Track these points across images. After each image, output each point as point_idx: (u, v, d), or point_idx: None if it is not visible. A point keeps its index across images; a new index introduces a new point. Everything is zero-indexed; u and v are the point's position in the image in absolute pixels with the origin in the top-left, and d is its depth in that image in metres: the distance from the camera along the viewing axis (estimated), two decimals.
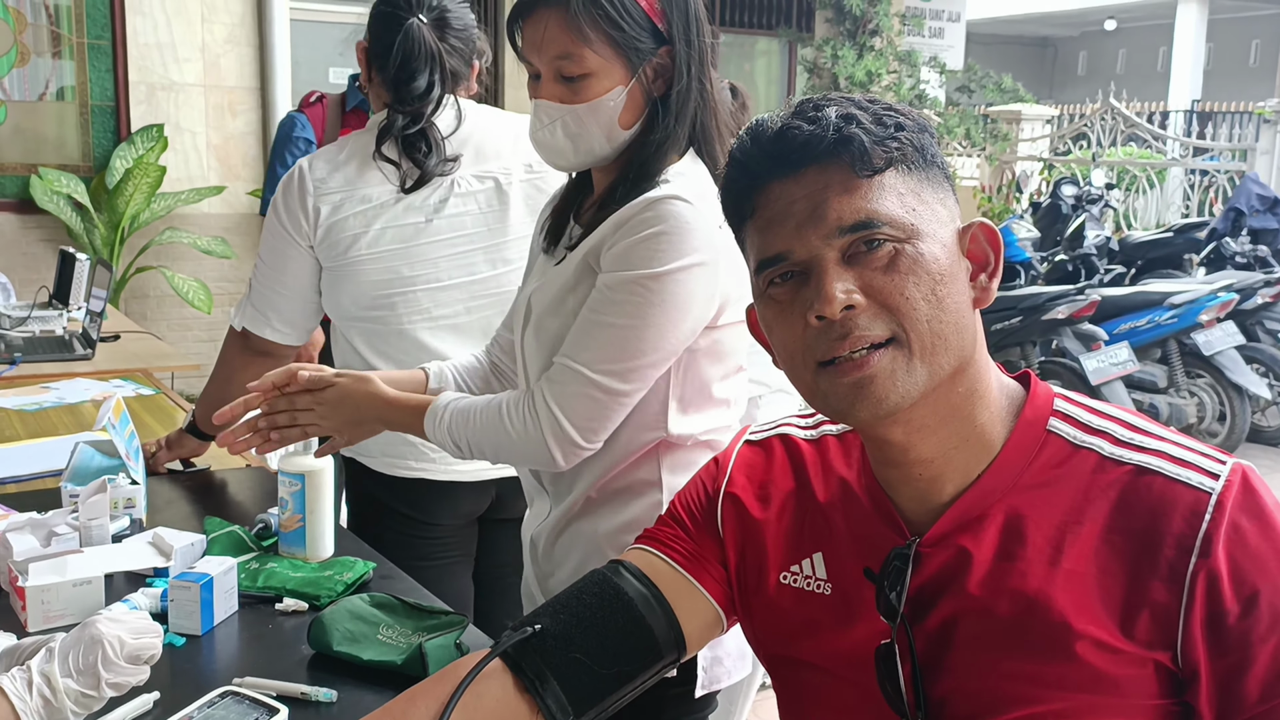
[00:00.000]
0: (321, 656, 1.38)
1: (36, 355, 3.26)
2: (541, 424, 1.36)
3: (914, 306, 0.89)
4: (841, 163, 0.90)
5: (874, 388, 0.90)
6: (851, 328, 0.89)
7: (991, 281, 0.95)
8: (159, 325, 5.48)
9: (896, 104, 0.95)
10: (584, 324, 1.36)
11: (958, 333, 0.91)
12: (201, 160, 5.57)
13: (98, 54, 5.32)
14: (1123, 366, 5.19)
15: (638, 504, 1.45)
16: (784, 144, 0.92)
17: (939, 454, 0.95)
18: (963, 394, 0.94)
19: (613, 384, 1.34)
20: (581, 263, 1.40)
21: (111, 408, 1.85)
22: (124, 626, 1.17)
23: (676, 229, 1.32)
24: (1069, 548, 0.91)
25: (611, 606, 1.06)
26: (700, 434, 1.45)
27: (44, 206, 5.12)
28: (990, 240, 0.95)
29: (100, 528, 1.62)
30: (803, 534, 1.06)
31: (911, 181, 0.92)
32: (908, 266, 0.89)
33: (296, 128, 3.18)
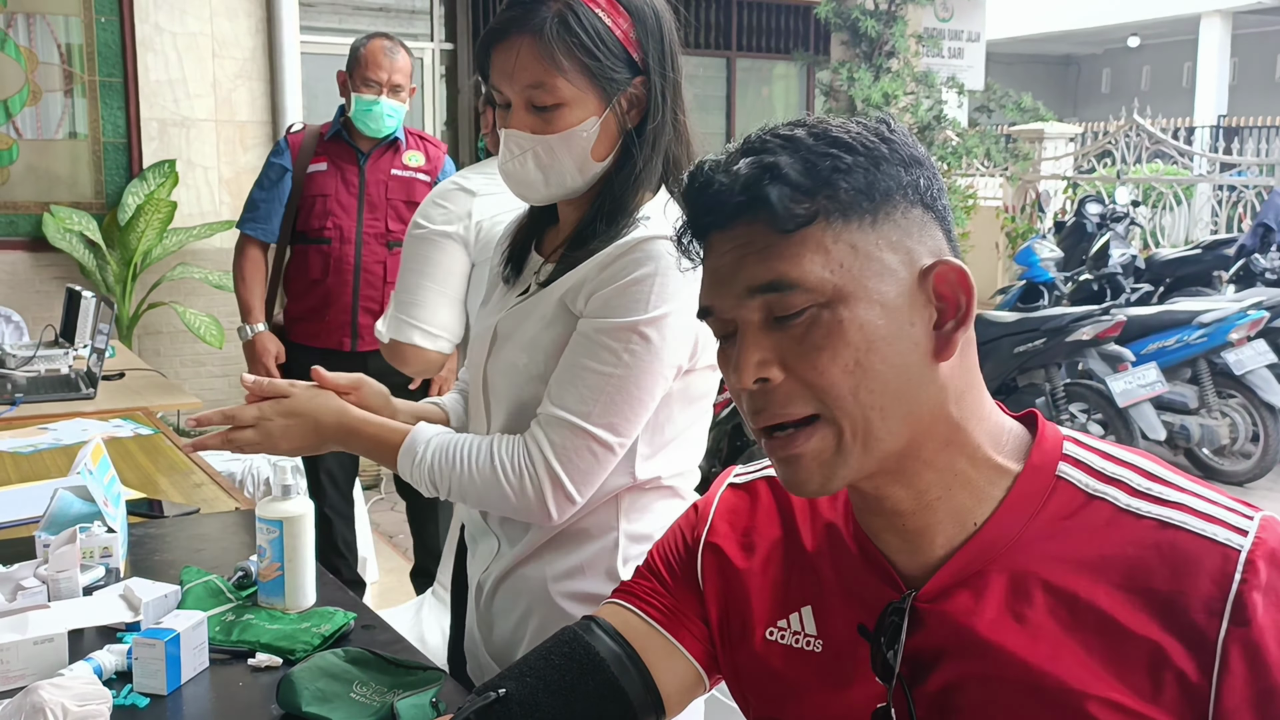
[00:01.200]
0: (291, 717, 1.30)
1: (38, 395, 3.22)
2: (542, 482, 1.30)
3: (831, 381, 0.81)
4: (761, 219, 0.82)
5: (800, 471, 0.83)
6: (767, 403, 0.83)
7: (957, 331, 0.83)
8: (172, 361, 5.45)
9: (853, 130, 0.84)
10: (574, 372, 1.31)
11: (900, 399, 0.82)
12: (213, 195, 5.56)
13: (109, 91, 5.33)
14: (1151, 388, 5.06)
15: (591, 547, 1.39)
16: (706, 200, 0.85)
17: (918, 506, 0.86)
18: (936, 447, 0.85)
19: (611, 438, 1.30)
20: (559, 303, 1.35)
21: (90, 452, 1.79)
22: (68, 693, 1.11)
23: (663, 270, 1.28)
24: (1083, 609, 0.82)
25: (582, 668, 0.98)
26: (665, 477, 1.40)
27: (57, 244, 5.12)
28: (959, 282, 0.83)
29: (69, 580, 1.55)
30: (790, 586, 0.97)
31: (846, 231, 0.81)
32: (823, 337, 0.81)
33: (276, 152, 3.37)
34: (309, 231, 3.28)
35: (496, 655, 1.46)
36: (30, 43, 5.17)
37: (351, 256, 3.28)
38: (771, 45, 8.51)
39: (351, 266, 3.29)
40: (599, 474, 1.32)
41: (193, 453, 1.44)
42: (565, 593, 1.38)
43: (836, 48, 8.23)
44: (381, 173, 3.31)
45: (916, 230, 0.84)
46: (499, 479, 1.32)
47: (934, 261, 0.83)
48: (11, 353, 3.62)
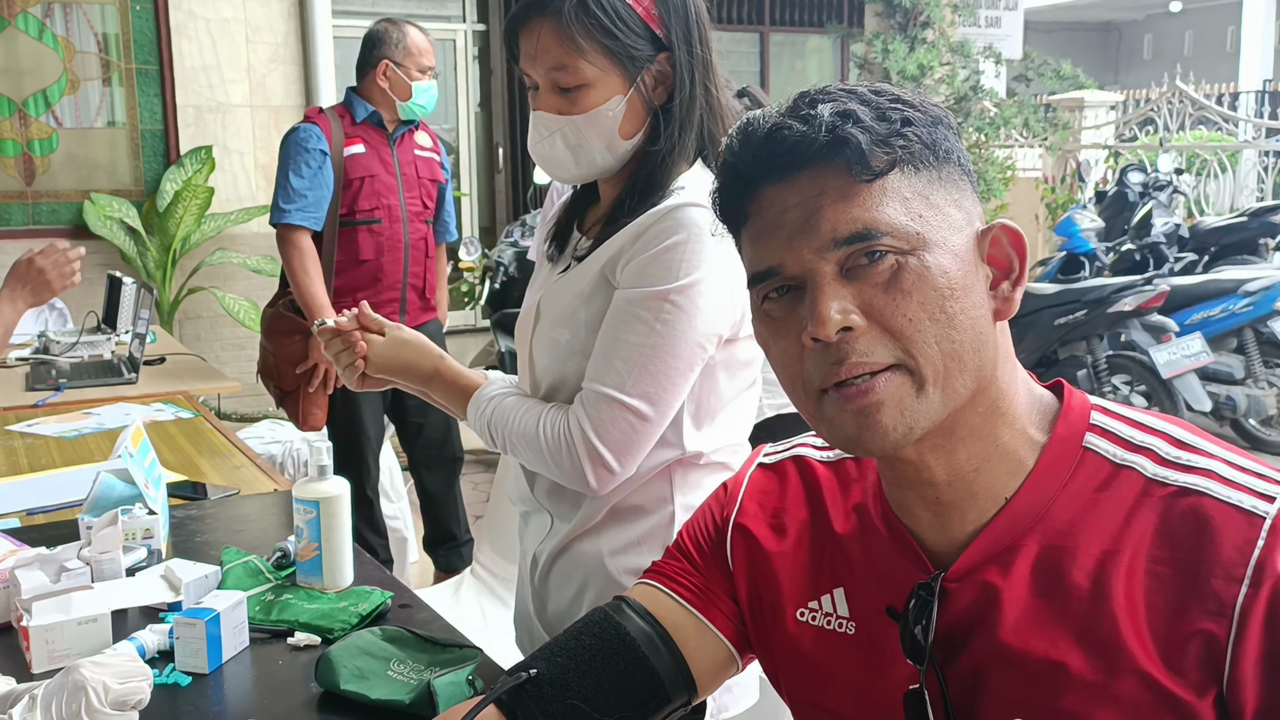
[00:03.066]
0: (330, 694, 1.31)
1: (82, 380, 3.27)
2: (579, 451, 1.31)
3: (919, 329, 0.79)
4: (837, 166, 0.80)
5: (880, 417, 0.80)
6: (849, 352, 0.79)
7: (1015, 290, 0.84)
8: (212, 346, 5.51)
9: (908, 93, 0.84)
10: (610, 345, 1.31)
11: (975, 351, 0.81)
12: (249, 180, 5.61)
13: (146, 79, 5.37)
14: (1196, 358, 4.97)
15: (647, 521, 1.39)
16: (774, 146, 0.82)
17: (955, 477, 0.85)
18: (983, 413, 0.84)
19: (647, 407, 1.30)
20: (598, 275, 1.35)
21: (130, 436, 1.81)
22: (109, 671, 1.12)
23: (696, 236, 1.27)
24: (1112, 581, 0.80)
25: (612, 648, 0.98)
26: (713, 450, 1.39)
27: (97, 232, 5.18)
28: (1014, 243, 0.84)
29: (112, 561, 1.57)
30: (821, 568, 0.96)
31: (919, 183, 0.81)
32: (912, 282, 0.79)
33: (313, 138, 3.22)
34: (358, 213, 3.29)
35: (550, 629, 1.47)
36: (67, 32, 5.23)
37: (401, 234, 3.33)
38: (805, 19, 8.42)
39: (401, 243, 3.34)
40: (639, 445, 1.32)
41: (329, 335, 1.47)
42: (622, 568, 1.39)
43: (871, 19, 8.14)
44: (408, 153, 3.38)
45: (969, 194, 0.85)
46: (540, 446, 1.34)
47: (989, 225, 0.84)
48: (55, 339, 3.67)
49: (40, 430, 2.71)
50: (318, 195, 3.21)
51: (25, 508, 2.08)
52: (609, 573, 1.39)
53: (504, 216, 7.21)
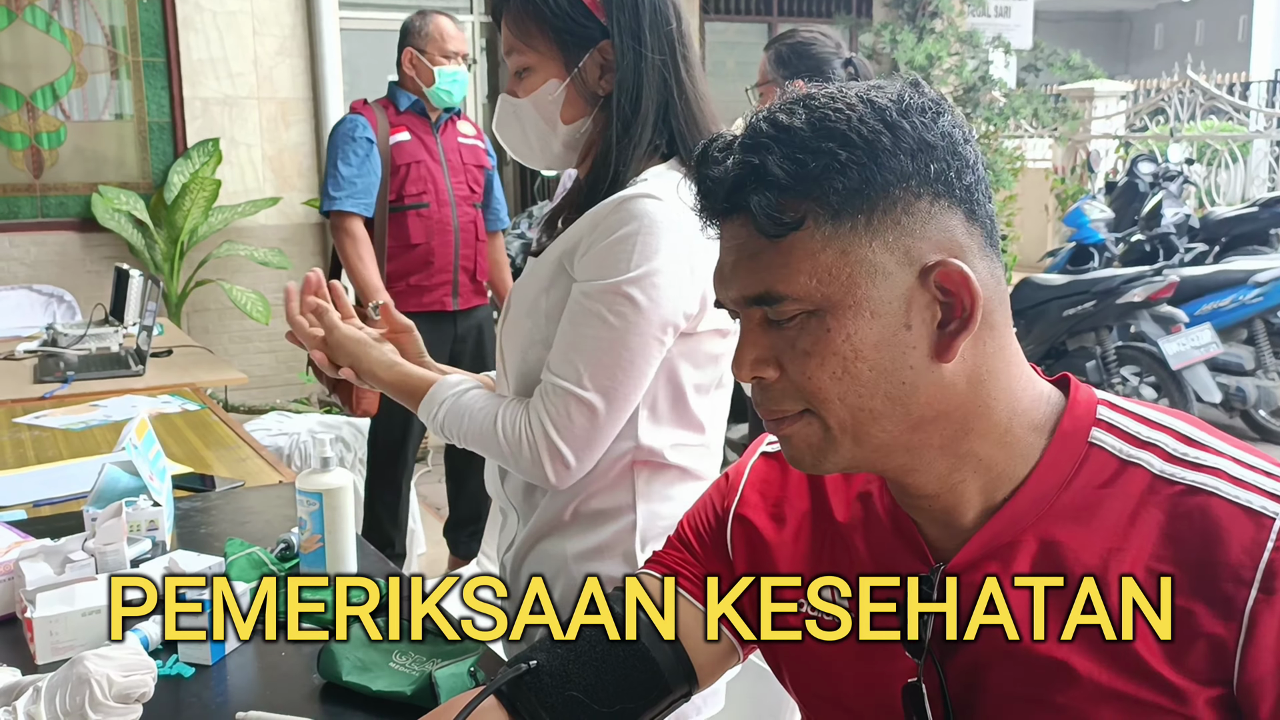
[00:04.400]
0: (333, 686, 1.31)
1: (89, 373, 3.28)
2: (538, 445, 1.31)
3: (819, 386, 0.80)
4: (746, 219, 0.80)
5: (793, 451, 0.84)
6: (763, 398, 0.84)
7: (959, 336, 0.79)
8: (221, 338, 5.52)
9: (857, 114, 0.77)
10: (567, 339, 1.31)
11: (893, 402, 0.79)
12: (257, 172, 5.61)
13: (153, 72, 5.38)
14: (1205, 349, 4.95)
15: (610, 527, 1.39)
16: (702, 191, 0.83)
17: (943, 488, 0.84)
18: (948, 437, 0.82)
19: (603, 402, 1.29)
20: (556, 264, 1.35)
21: (134, 428, 1.81)
22: (113, 664, 1.12)
23: (647, 228, 1.27)
24: (1114, 580, 0.79)
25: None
26: (670, 448, 1.39)
27: (106, 225, 5.19)
28: (962, 284, 0.78)
29: (116, 553, 1.57)
30: (821, 558, 0.96)
31: (838, 235, 0.77)
32: (811, 344, 0.79)
33: (359, 128, 3.33)
34: (407, 198, 3.37)
35: None
36: (75, 25, 5.23)
37: (449, 218, 3.42)
38: (813, 9, 8.39)
39: (451, 227, 3.43)
40: (597, 439, 1.31)
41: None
42: (586, 573, 1.39)
43: (879, 9, 8.11)
44: (452, 140, 3.47)
45: (920, 225, 0.78)
46: (498, 440, 1.34)
47: (936, 261, 0.78)
48: (64, 332, 3.68)
49: (47, 422, 2.72)
50: (366, 182, 3.31)
51: (31, 499, 2.09)
52: (573, 577, 1.39)
53: (512, 208, 7.22)
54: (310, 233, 5.77)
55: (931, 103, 0.81)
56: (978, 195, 0.81)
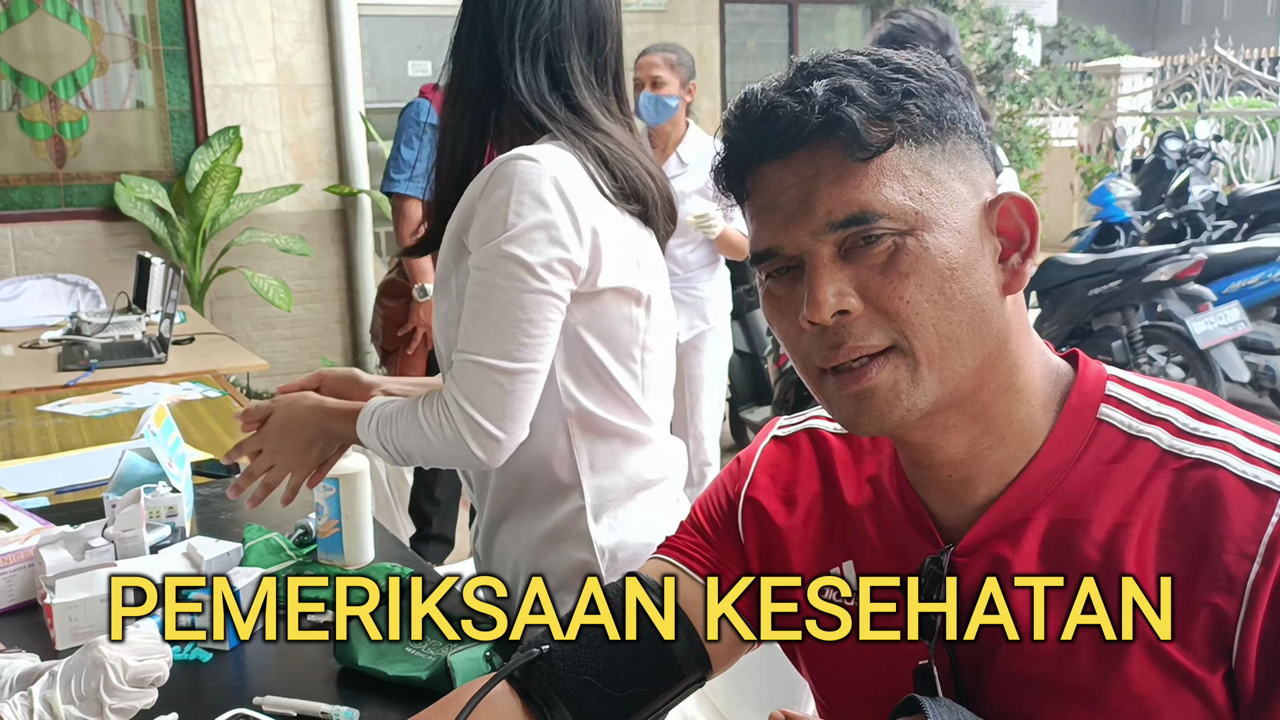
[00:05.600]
0: (349, 671, 1.31)
1: (112, 360, 3.30)
2: (457, 423, 1.30)
3: (916, 311, 0.78)
4: (833, 146, 0.78)
5: (874, 401, 0.79)
6: (845, 336, 0.79)
7: (1025, 263, 0.82)
8: (243, 325, 5.55)
9: (914, 59, 0.81)
10: (467, 310, 1.32)
11: (975, 330, 0.79)
12: (277, 159, 5.62)
13: (173, 60, 5.39)
14: (1233, 328, 4.88)
15: (561, 507, 1.39)
16: (770, 125, 0.80)
17: (968, 455, 0.83)
18: (993, 390, 0.82)
19: (508, 364, 1.29)
20: (454, 240, 1.37)
21: (153, 415, 1.82)
22: (128, 648, 1.12)
23: (520, 186, 1.28)
24: (1123, 554, 0.78)
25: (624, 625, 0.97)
26: (603, 416, 1.38)
27: (129, 213, 5.21)
28: (1025, 214, 0.82)
29: (135, 539, 1.58)
30: (832, 541, 0.95)
31: (920, 158, 0.79)
32: (909, 264, 0.78)
33: (423, 112, 3.36)
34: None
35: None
36: (95, 15, 5.25)
37: None
38: None
39: None
40: (515, 405, 1.30)
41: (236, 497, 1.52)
42: (548, 558, 1.40)
43: None
44: None
45: (978, 164, 0.82)
46: (422, 430, 1.33)
47: (998, 195, 0.82)
48: (87, 320, 3.70)
49: (71, 410, 2.73)
50: (426, 166, 3.32)
51: (54, 486, 2.10)
52: (535, 565, 1.40)
53: None
54: (331, 219, 5.78)
55: (953, 70, 0.83)
56: (996, 154, 0.85)
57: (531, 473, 1.39)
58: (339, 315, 5.81)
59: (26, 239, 5.20)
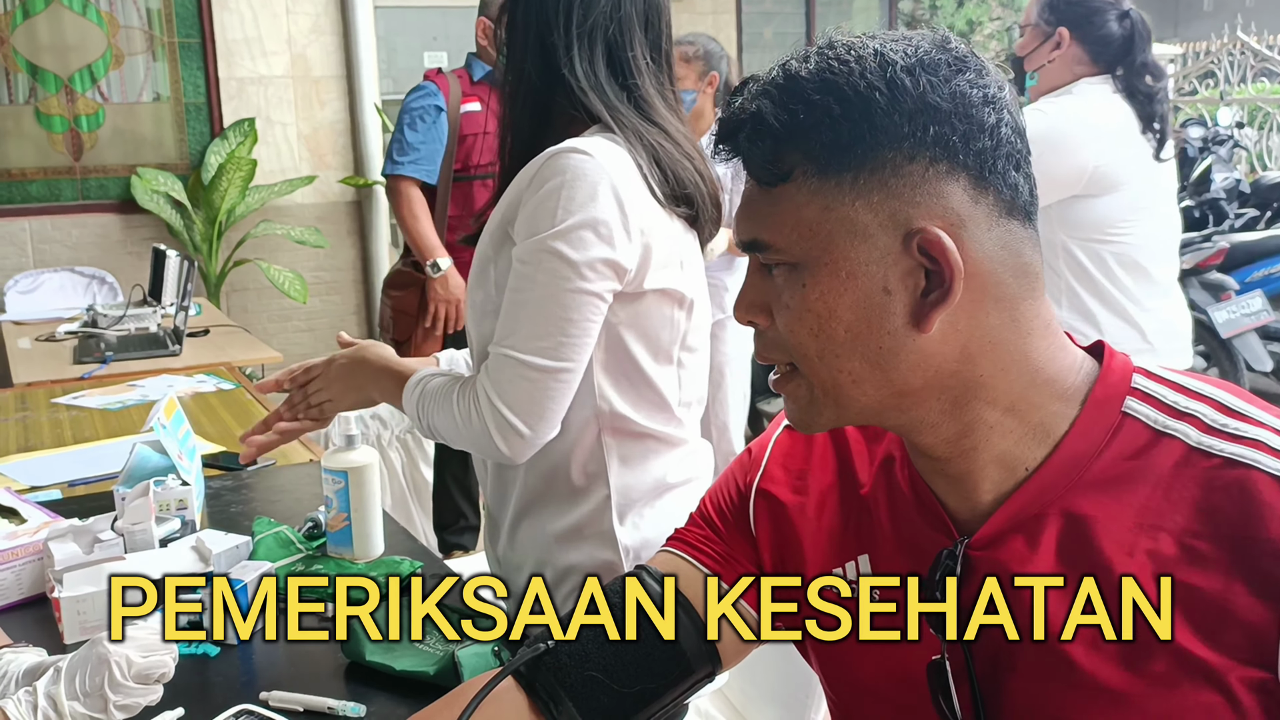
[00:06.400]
0: (357, 665, 1.30)
1: (127, 353, 3.30)
2: (485, 416, 1.29)
3: (798, 342, 0.79)
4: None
5: (790, 409, 0.84)
6: (759, 344, 0.84)
7: (937, 308, 0.75)
8: (260, 318, 5.56)
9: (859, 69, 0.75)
10: (506, 302, 1.30)
11: (876, 368, 0.77)
12: (292, 151, 5.62)
13: (188, 52, 5.39)
14: (1256, 317, 4.82)
15: (585, 504, 1.37)
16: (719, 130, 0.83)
17: (954, 453, 0.81)
18: (946, 405, 0.79)
19: (543, 362, 1.27)
20: (498, 230, 1.34)
21: (163, 407, 1.81)
22: (132, 644, 1.11)
23: (571, 181, 1.26)
24: (1145, 554, 0.76)
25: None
26: (636, 416, 1.36)
27: (145, 206, 5.22)
28: (941, 253, 0.75)
29: (144, 532, 1.57)
30: (846, 533, 0.93)
31: (822, 189, 0.76)
32: (789, 298, 0.79)
33: (428, 96, 3.33)
34: (473, 168, 3.36)
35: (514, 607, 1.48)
36: (111, 7, 5.25)
37: None
38: None
39: None
40: (545, 403, 1.28)
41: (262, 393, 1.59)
42: (568, 553, 1.38)
43: None
44: None
45: (910, 189, 0.75)
46: (453, 416, 1.33)
47: (919, 227, 0.75)
48: (103, 313, 3.72)
49: (85, 402, 2.74)
50: (430, 149, 3.30)
51: (67, 479, 2.10)
52: (558, 565, 1.39)
53: None
54: (346, 211, 5.77)
55: (955, 59, 0.77)
56: (992, 161, 0.77)
57: (558, 469, 1.37)
58: (355, 307, 5.81)
59: (44, 232, 5.21)
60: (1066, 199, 2.27)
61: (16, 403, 2.78)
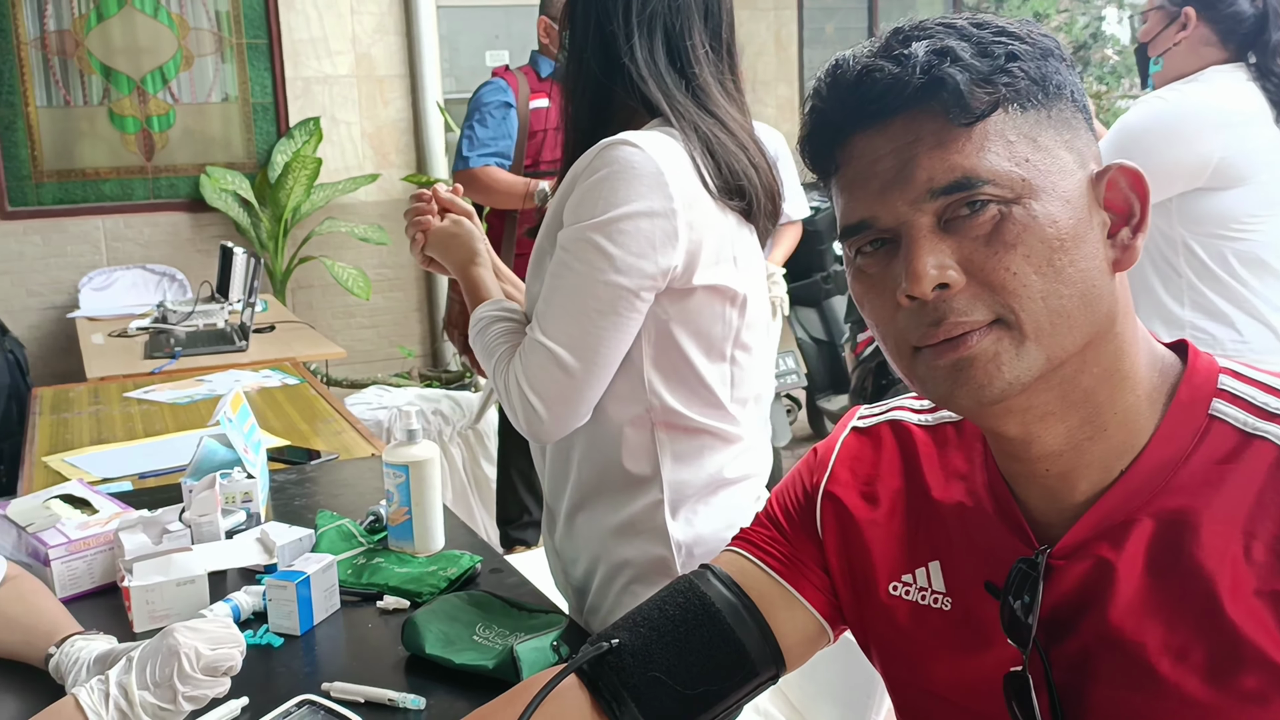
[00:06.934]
0: (416, 659, 1.31)
1: (196, 348, 3.37)
2: (513, 396, 1.30)
3: (1024, 283, 0.73)
4: (934, 110, 0.74)
5: (974, 372, 0.74)
6: (946, 312, 0.74)
7: (1135, 237, 0.77)
8: (324, 314, 5.63)
9: (1015, 23, 0.77)
10: (546, 290, 1.31)
11: (1085, 306, 0.74)
12: (356, 150, 5.68)
13: (256, 53, 5.48)
14: None
15: (639, 500, 1.36)
16: (865, 90, 0.76)
17: (1068, 446, 0.78)
18: (1098, 374, 0.77)
19: (568, 354, 1.27)
20: (553, 220, 1.34)
21: (229, 402, 1.84)
22: (202, 636, 1.13)
23: (622, 170, 1.24)
24: (1240, 563, 0.73)
25: (696, 618, 0.94)
26: (687, 413, 1.34)
27: (213, 204, 5.32)
28: (1134, 186, 0.77)
29: (210, 524, 1.60)
30: (916, 539, 0.91)
31: (1026, 123, 0.74)
32: (1016, 234, 0.73)
33: (497, 92, 3.32)
34: (542, 163, 3.35)
35: (574, 602, 1.50)
36: (181, 10, 5.35)
37: None
38: None
39: None
40: (569, 393, 1.28)
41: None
42: (621, 549, 1.38)
43: None
44: None
45: (1083, 133, 0.78)
46: (493, 379, 1.37)
47: (1104, 166, 0.77)
48: (173, 309, 3.79)
49: (155, 396, 2.79)
50: (502, 145, 3.30)
51: (138, 471, 2.15)
52: (613, 560, 1.38)
53: None
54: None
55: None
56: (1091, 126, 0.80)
57: (611, 464, 1.36)
58: (417, 304, 5.86)
59: (117, 230, 5.33)
60: (1188, 192, 2.11)
61: (90, 397, 2.84)
